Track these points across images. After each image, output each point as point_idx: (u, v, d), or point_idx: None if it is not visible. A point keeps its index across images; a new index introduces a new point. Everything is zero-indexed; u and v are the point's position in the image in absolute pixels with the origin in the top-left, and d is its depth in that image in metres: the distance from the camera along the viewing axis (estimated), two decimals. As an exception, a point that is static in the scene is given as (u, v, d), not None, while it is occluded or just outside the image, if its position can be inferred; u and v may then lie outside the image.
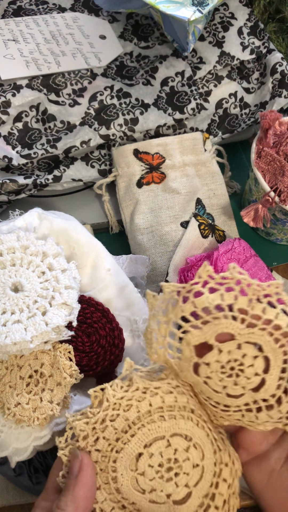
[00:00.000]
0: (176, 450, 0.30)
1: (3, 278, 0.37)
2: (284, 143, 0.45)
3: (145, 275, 0.44)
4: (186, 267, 0.45)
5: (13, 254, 0.38)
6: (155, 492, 0.30)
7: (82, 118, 0.50)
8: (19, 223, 0.40)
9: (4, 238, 0.38)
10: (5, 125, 0.49)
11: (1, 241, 0.38)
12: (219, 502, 0.31)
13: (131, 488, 0.30)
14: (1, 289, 0.37)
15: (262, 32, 0.58)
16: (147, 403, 0.30)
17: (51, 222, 0.40)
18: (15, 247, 0.38)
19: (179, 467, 0.30)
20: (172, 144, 0.50)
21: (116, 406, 0.30)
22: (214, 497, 0.31)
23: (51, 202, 0.52)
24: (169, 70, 0.54)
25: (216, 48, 0.56)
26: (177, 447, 0.30)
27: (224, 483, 0.31)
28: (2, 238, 0.38)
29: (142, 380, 0.31)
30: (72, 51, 0.54)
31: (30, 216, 0.40)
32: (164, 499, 0.30)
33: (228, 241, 0.46)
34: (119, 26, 0.58)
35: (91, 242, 0.41)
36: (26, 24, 0.55)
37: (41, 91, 0.51)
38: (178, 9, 0.47)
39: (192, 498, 0.31)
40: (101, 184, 0.50)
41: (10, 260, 0.37)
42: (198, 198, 0.50)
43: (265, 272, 0.45)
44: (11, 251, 0.38)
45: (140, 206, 0.48)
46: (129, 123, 0.50)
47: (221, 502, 0.31)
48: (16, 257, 0.37)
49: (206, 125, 0.55)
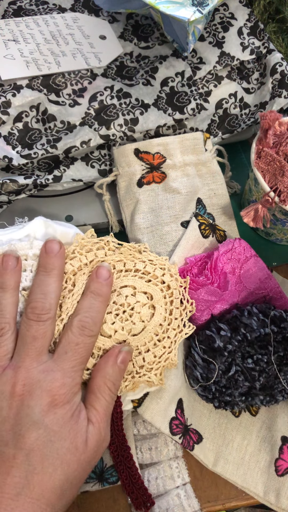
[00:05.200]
0: (126, 296, 0.39)
1: None
2: (284, 143, 0.45)
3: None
4: (185, 267, 0.45)
5: (25, 261, 0.39)
6: (118, 332, 0.38)
7: (82, 118, 0.50)
8: (25, 231, 0.40)
9: (18, 245, 0.39)
10: (5, 125, 0.49)
11: (15, 248, 0.39)
12: (167, 343, 0.39)
13: (98, 336, 0.37)
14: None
15: (262, 32, 0.58)
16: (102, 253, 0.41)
17: (55, 229, 0.41)
18: (27, 254, 0.39)
19: (132, 309, 0.39)
20: (172, 144, 0.50)
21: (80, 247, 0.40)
22: (163, 339, 0.39)
23: (51, 202, 0.52)
24: (169, 70, 0.54)
25: (216, 49, 0.56)
26: (127, 294, 0.39)
27: (175, 321, 0.40)
28: (17, 246, 0.39)
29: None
30: (72, 51, 0.54)
31: (36, 224, 0.41)
32: (126, 337, 0.38)
33: (229, 241, 0.46)
34: (119, 26, 0.58)
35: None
36: (26, 24, 0.55)
37: (41, 91, 0.51)
38: (178, 10, 0.47)
39: (145, 332, 0.38)
40: (101, 184, 0.50)
41: (23, 266, 0.38)
42: (198, 198, 0.50)
43: (265, 272, 0.45)
44: (24, 257, 0.39)
45: (141, 206, 0.48)
46: (129, 123, 0.50)
47: (168, 343, 0.39)
48: (27, 264, 0.39)
49: (206, 125, 0.55)
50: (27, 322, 0.35)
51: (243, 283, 0.44)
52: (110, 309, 0.38)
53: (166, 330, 0.39)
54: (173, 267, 0.42)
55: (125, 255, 0.41)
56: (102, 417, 0.34)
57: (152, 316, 0.39)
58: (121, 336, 0.38)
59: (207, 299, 0.42)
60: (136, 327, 0.38)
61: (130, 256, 0.41)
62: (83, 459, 0.32)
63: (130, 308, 0.39)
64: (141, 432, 0.42)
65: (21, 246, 0.39)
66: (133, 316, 0.38)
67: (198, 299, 0.42)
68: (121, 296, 0.39)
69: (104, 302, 0.38)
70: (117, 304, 0.39)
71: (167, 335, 0.39)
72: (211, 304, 0.42)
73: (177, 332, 0.40)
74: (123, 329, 0.38)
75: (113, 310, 0.38)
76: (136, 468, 0.39)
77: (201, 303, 0.42)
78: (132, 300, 0.39)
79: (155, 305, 0.39)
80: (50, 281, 0.37)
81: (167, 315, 0.40)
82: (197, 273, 0.44)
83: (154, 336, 0.39)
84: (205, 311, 0.42)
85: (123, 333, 0.38)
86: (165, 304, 0.40)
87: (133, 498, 0.38)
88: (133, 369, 0.38)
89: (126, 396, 0.39)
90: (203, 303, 0.42)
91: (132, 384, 0.38)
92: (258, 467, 0.41)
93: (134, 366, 0.38)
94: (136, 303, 0.39)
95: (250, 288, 0.44)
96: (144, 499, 0.38)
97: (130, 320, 0.38)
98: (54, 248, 0.38)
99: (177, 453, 0.41)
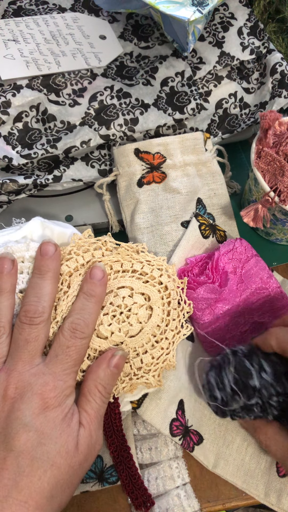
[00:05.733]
0: (123, 297, 0.39)
1: None
2: (284, 143, 0.45)
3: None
4: (185, 268, 0.45)
5: (22, 263, 0.38)
6: (115, 334, 0.38)
7: (82, 118, 0.50)
8: (22, 233, 0.40)
9: (15, 248, 0.38)
10: (5, 125, 0.49)
11: (12, 250, 0.38)
12: (165, 344, 0.39)
13: (94, 337, 0.37)
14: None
15: (262, 32, 0.58)
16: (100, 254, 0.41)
17: (52, 230, 0.41)
18: (24, 256, 0.38)
19: (129, 310, 0.38)
20: (173, 144, 0.50)
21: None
22: (161, 341, 0.39)
23: (51, 202, 0.52)
24: (169, 70, 0.54)
25: (216, 48, 0.56)
26: (124, 295, 0.39)
27: (173, 322, 0.40)
28: (13, 248, 0.38)
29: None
30: (72, 51, 0.54)
31: (33, 225, 0.41)
32: (123, 338, 0.38)
33: (230, 241, 0.46)
34: (119, 26, 0.58)
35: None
36: (26, 24, 0.55)
37: (41, 91, 0.51)
38: (178, 9, 0.47)
39: (142, 333, 0.38)
40: (101, 184, 0.50)
41: (19, 268, 0.38)
42: (198, 198, 0.50)
43: (266, 272, 0.45)
44: (20, 260, 0.39)
45: (141, 206, 0.48)
46: (129, 123, 0.50)
47: (166, 345, 0.39)
48: (24, 266, 0.38)
49: (206, 125, 0.55)
50: (20, 326, 0.35)
51: (244, 283, 0.44)
52: (107, 310, 0.38)
53: (164, 331, 0.39)
54: (171, 268, 0.42)
55: (122, 255, 0.41)
56: (93, 420, 0.34)
57: (150, 317, 0.39)
58: (118, 337, 0.38)
59: (206, 297, 0.42)
60: (133, 328, 0.38)
61: (127, 257, 0.41)
62: (74, 462, 0.32)
63: (127, 310, 0.38)
64: (141, 432, 0.42)
65: (18, 248, 0.39)
66: (130, 317, 0.38)
67: (197, 298, 0.42)
68: (118, 297, 0.39)
69: (98, 303, 0.37)
70: (114, 305, 0.38)
71: (165, 336, 0.39)
72: (212, 303, 0.42)
73: (175, 333, 0.40)
74: (120, 330, 0.38)
75: (109, 312, 0.38)
76: (136, 468, 0.39)
77: (201, 302, 0.42)
78: (129, 301, 0.39)
79: (152, 306, 0.39)
80: (44, 284, 0.37)
81: (165, 316, 0.39)
82: (198, 273, 0.44)
83: (151, 338, 0.38)
84: (206, 310, 0.42)
85: (120, 334, 0.38)
86: (163, 305, 0.40)
87: (133, 498, 0.38)
88: (130, 371, 0.38)
89: (124, 398, 0.38)
90: (203, 302, 0.42)
91: (130, 385, 0.38)
92: (259, 468, 0.41)
93: (132, 368, 0.38)
94: (133, 304, 0.39)
95: (251, 287, 0.44)
96: (144, 499, 0.38)
97: (127, 322, 0.38)
98: (49, 250, 0.38)
99: (177, 453, 0.41)
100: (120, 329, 0.38)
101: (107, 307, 0.38)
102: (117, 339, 0.38)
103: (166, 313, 0.40)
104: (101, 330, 0.37)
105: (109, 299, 0.39)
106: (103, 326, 0.38)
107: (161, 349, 0.39)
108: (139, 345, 0.38)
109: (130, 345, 0.38)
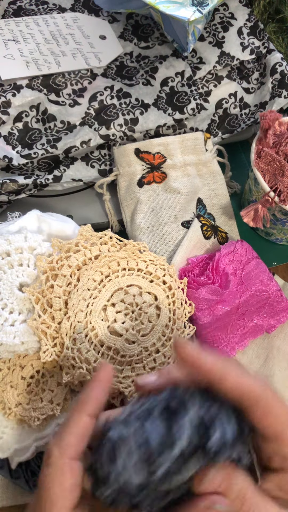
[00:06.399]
0: (134, 295, 0.39)
1: (10, 277, 0.37)
2: (284, 143, 0.45)
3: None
4: (187, 268, 0.45)
5: (20, 254, 0.38)
6: (129, 332, 0.38)
7: (82, 118, 0.50)
8: (17, 226, 0.40)
9: (12, 238, 0.38)
10: (5, 125, 0.49)
11: (9, 241, 0.38)
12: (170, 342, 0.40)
13: (108, 335, 0.38)
14: (9, 289, 0.37)
15: (262, 32, 0.58)
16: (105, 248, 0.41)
17: (50, 224, 0.41)
18: (22, 247, 0.38)
19: (140, 308, 0.39)
20: (173, 144, 0.50)
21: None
22: (170, 340, 0.40)
23: (51, 202, 0.52)
24: (169, 70, 0.54)
25: (216, 48, 0.56)
26: (134, 294, 0.39)
27: (178, 322, 0.40)
28: (10, 239, 0.38)
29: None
30: (72, 51, 0.54)
31: (29, 218, 0.41)
32: (136, 337, 0.38)
33: (231, 242, 0.46)
34: (119, 26, 0.58)
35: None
36: (26, 24, 0.55)
37: (41, 91, 0.51)
38: (178, 9, 0.47)
39: (153, 332, 0.39)
40: (102, 184, 0.50)
41: (18, 260, 0.38)
42: (199, 198, 0.50)
43: (266, 274, 0.45)
44: (19, 251, 0.38)
45: (141, 206, 0.48)
46: (129, 123, 0.50)
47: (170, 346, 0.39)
48: (24, 257, 0.38)
49: (206, 125, 0.55)
50: None
51: (244, 284, 0.44)
52: (119, 308, 0.38)
53: (172, 331, 0.39)
54: (171, 268, 0.42)
55: (129, 252, 0.41)
56: None
57: (158, 317, 0.39)
58: (131, 336, 0.38)
59: (208, 298, 0.42)
60: (145, 327, 0.38)
61: (133, 255, 0.41)
62: None
63: (138, 308, 0.39)
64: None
65: (16, 238, 0.38)
66: (142, 316, 0.38)
67: (199, 298, 0.42)
68: (129, 295, 0.39)
69: None
70: (125, 303, 0.39)
71: (172, 335, 0.39)
72: (212, 304, 0.42)
73: (180, 333, 0.40)
74: (133, 329, 0.38)
75: (122, 309, 0.38)
76: None
77: (201, 303, 0.42)
78: (140, 300, 0.39)
79: (160, 306, 0.39)
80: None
81: (171, 315, 0.40)
82: (199, 273, 0.44)
83: (161, 337, 0.39)
84: (206, 311, 0.42)
85: (133, 333, 0.38)
86: (169, 305, 0.40)
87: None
88: (143, 372, 0.38)
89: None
90: (204, 303, 0.42)
91: None
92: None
93: (145, 368, 0.38)
94: (143, 303, 0.39)
95: (251, 289, 0.44)
96: None
97: (140, 320, 0.38)
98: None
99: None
100: (133, 327, 0.38)
101: (119, 305, 0.39)
102: (130, 337, 0.38)
103: (172, 313, 0.40)
104: (116, 327, 0.38)
105: (120, 296, 0.39)
106: (118, 324, 0.38)
107: (170, 348, 0.39)
108: (150, 344, 0.38)
109: (142, 344, 0.38)
